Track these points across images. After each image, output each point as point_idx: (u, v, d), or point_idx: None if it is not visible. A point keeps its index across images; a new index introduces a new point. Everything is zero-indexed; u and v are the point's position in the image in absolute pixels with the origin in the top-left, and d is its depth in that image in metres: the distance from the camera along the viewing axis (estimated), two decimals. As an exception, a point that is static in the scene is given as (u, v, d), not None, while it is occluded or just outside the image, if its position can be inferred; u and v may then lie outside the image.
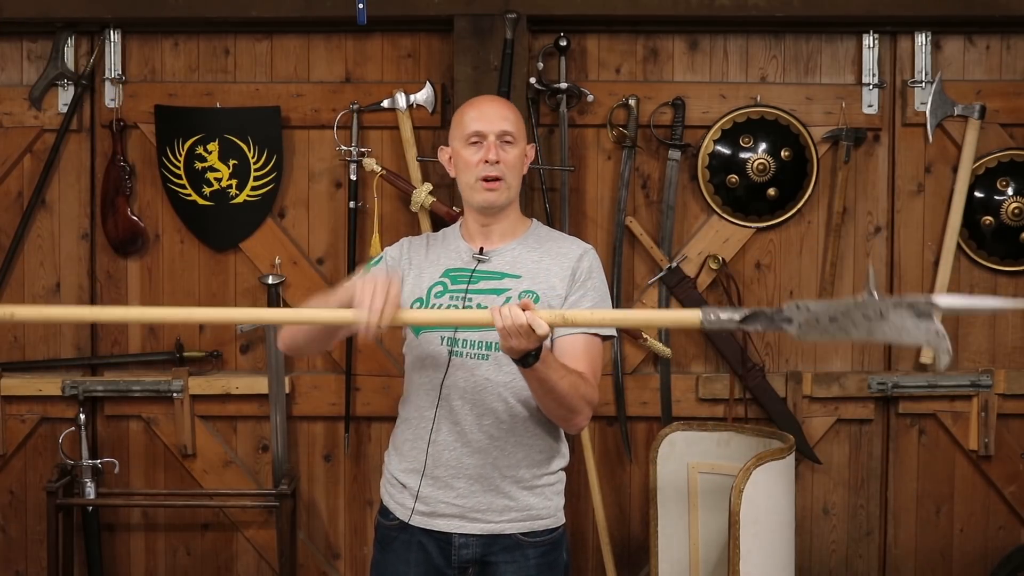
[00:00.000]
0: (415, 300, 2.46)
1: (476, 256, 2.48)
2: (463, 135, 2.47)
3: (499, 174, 2.43)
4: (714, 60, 3.75)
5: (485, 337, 2.39)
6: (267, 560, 3.79)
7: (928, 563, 3.81)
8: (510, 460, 2.43)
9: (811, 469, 3.77)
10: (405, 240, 2.62)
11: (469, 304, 2.41)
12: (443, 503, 2.43)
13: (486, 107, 2.51)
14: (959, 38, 3.73)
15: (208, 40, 3.75)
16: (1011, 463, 3.77)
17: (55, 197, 3.78)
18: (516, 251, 2.48)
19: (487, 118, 2.47)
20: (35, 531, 3.78)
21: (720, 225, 3.74)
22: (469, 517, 2.43)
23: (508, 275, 2.44)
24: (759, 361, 3.72)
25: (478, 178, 2.44)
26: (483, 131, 2.45)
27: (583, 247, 2.52)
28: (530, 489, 2.45)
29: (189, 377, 3.70)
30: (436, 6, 3.57)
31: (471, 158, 2.45)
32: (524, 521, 2.44)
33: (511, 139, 2.46)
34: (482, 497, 2.42)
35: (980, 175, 3.71)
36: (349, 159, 3.68)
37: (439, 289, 2.46)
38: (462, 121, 2.49)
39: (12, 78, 3.77)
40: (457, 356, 2.41)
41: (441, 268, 2.49)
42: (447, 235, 2.60)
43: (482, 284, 2.44)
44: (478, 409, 2.41)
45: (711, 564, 3.45)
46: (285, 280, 3.72)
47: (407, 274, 2.51)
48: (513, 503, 2.43)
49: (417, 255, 2.54)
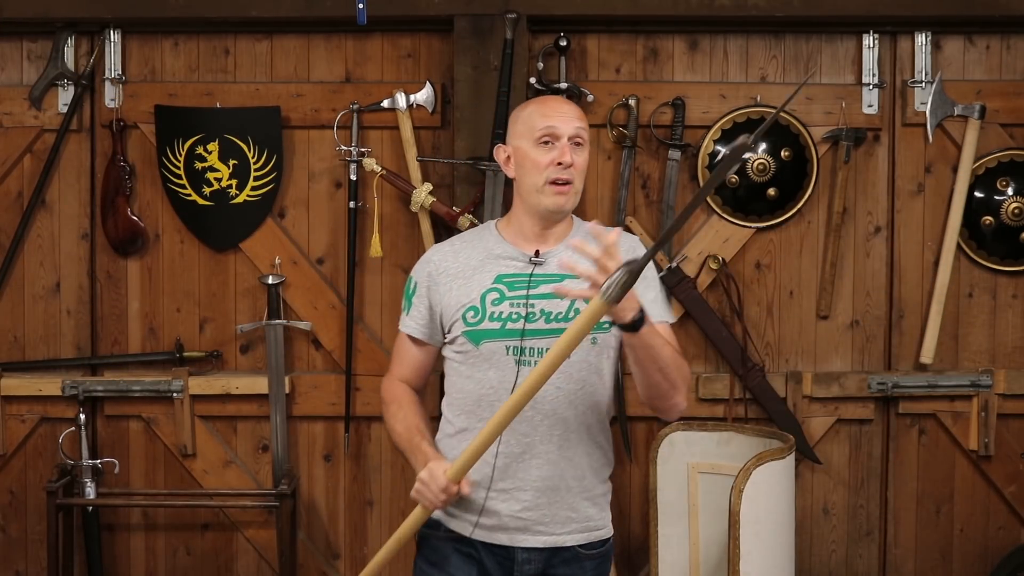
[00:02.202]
0: (469, 308, 2.36)
1: (533, 260, 2.37)
2: (533, 133, 2.34)
3: (570, 177, 2.33)
4: (714, 60, 3.75)
5: (553, 343, 2.27)
6: (267, 560, 3.79)
7: (928, 563, 3.82)
8: (577, 470, 2.37)
9: (811, 469, 3.77)
10: (427, 257, 2.50)
11: (532, 310, 2.32)
12: (508, 516, 2.35)
13: (559, 106, 2.39)
14: (959, 38, 3.73)
15: (208, 40, 3.75)
16: (1011, 463, 3.77)
17: (55, 197, 3.78)
18: (570, 251, 2.34)
19: (562, 116, 2.35)
20: (35, 531, 3.78)
21: (720, 225, 3.74)
22: (533, 530, 2.35)
23: (568, 276, 2.28)
24: (759, 361, 3.72)
25: (548, 180, 2.33)
26: (558, 130, 2.33)
27: (629, 238, 2.44)
28: (590, 499, 2.40)
29: (189, 377, 3.70)
30: (436, 6, 3.57)
31: (541, 158, 2.33)
32: (583, 532, 2.39)
33: (581, 141, 2.36)
34: (547, 509, 2.35)
35: (980, 175, 3.71)
36: (349, 159, 3.68)
37: (495, 296, 2.35)
38: (531, 119, 2.37)
39: (12, 78, 3.77)
40: (525, 365, 2.31)
41: (492, 274, 2.38)
42: (483, 237, 2.47)
43: (542, 288, 2.34)
44: (549, 420, 2.33)
45: (711, 564, 3.45)
46: (285, 280, 3.72)
47: (449, 286, 2.40)
48: (575, 514, 2.38)
49: (451, 263, 2.43)
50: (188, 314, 3.79)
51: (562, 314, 2.33)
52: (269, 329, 3.68)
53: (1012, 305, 3.78)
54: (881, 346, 3.78)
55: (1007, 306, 3.78)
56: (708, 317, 3.71)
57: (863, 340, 3.77)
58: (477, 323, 2.35)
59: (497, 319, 2.34)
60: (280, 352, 3.68)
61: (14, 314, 3.79)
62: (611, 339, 2.37)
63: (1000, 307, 3.78)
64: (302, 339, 3.78)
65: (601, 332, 2.32)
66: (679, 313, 3.73)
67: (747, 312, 3.75)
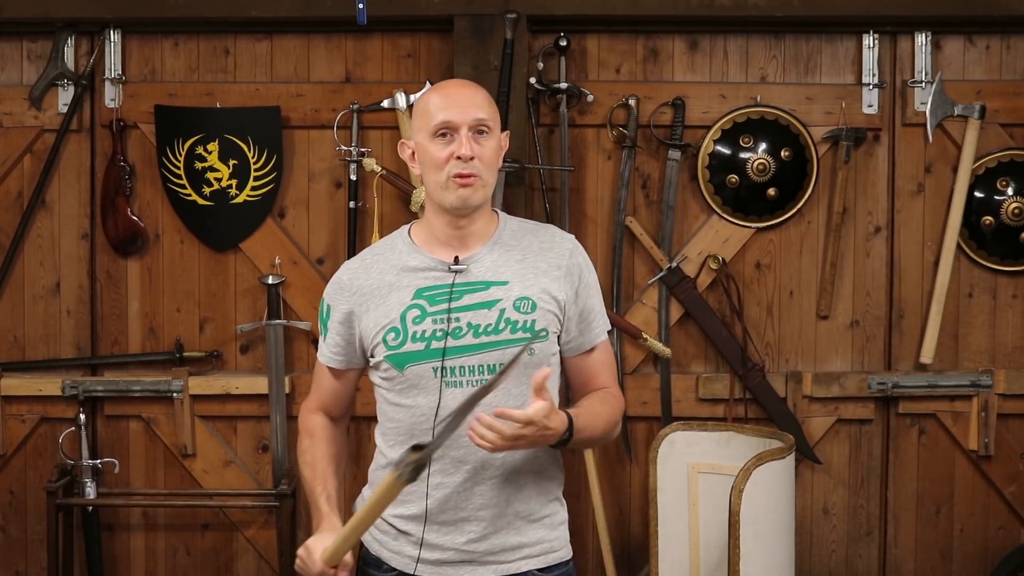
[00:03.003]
0: (389, 330, 2.13)
1: (452, 268, 2.14)
2: (430, 126, 2.11)
3: (474, 171, 2.09)
4: (714, 60, 3.75)
5: (484, 360, 2.11)
6: (267, 560, 3.79)
7: (928, 563, 3.82)
8: (522, 494, 2.17)
9: (811, 469, 3.77)
10: (337, 277, 2.25)
11: (457, 324, 2.10)
12: (452, 550, 2.15)
13: (455, 92, 2.15)
14: (959, 38, 3.73)
15: (208, 40, 3.75)
16: (1011, 463, 3.77)
17: (55, 197, 3.78)
18: (495, 253, 2.17)
19: (458, 105, 2.10)
20: (35, 531, 3.78)
21: (720, 225, 3.74)
22: (482, 562, 2.16)
23: (494, 283, 2.13)
24: (759, 361, 3.72)
25: (450, 176, 2.09)
26: (454, 122, 2.09)
27: (568, 239, 2.24)
28: (539, 521, 2.20)
29: (189, 377, 3.70)
30: (436, 6, 3.57)
31: (440, 153, 2.10)
32: (538, 556, 2.20)
33: (486, 129, 2.11)
34: (495, 539, 2.16)
35: (980, 175, 3.71)
36: (349, 159, 3.68)
37: (416, 314, 2.12)
38: (427, 110, 2.13)
39: (12, 78, 3.77)
40: (454, 387, 2.11)
41: (410, 289, 2.14)
42: (392, 247, 2.22)
43: (466, 299, 2.12)
44: None
45: (711, 564, 3.45)
46: (285, 280, 3.72)
47: (366, 307, 2.18)
48: (526, 539, 2.18)
49: (363, 280, 2.20)
50: (188, 314, 3.79)
51: (492, 325, 2.11)
52: (269, 329, 3.68)
53: (1012, 305, 3.78)
54: (881, 346, 3.78)
55: (1007, 306, 3.78)
56: (708, 317, 3.71)
57: (863, 340, 3.77)
58: (399, 346, 2.13)
59: (420, 339, 2.11)
60: (280, 352, 3.68)
61: (14, 314, 3.79)
62: (548, 347, 2.16)
63: (1000, 307, 3.78)
64: (302, 339, 3.79)
65: (538, 342, 2.13)
66: (679, 313, 3.73)
67: (747, 312, 3.75)
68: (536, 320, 2.13)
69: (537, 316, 2.13)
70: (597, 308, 2.23)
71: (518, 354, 2.01)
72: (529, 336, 2.11)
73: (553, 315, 2.15)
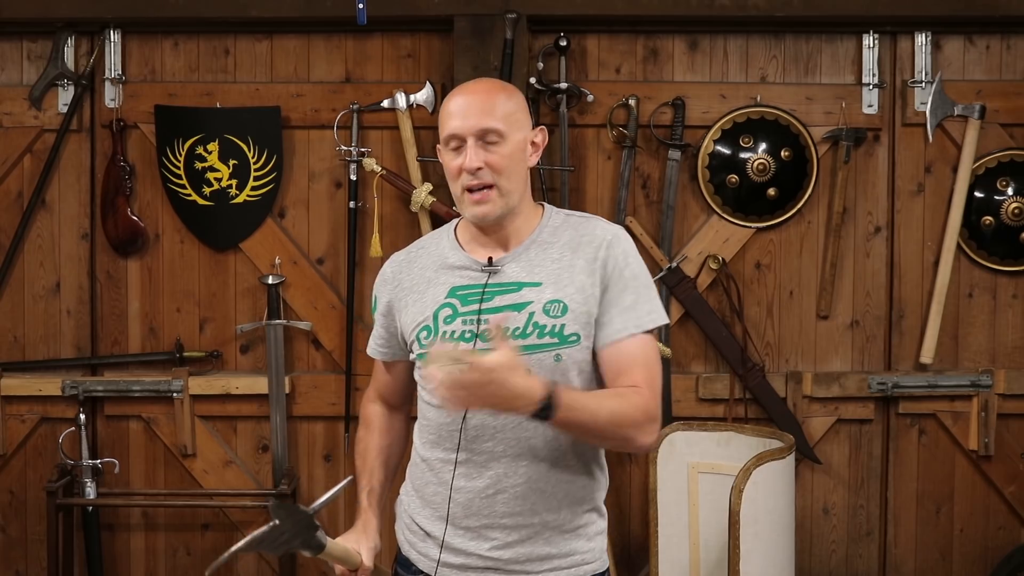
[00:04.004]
0: (422, 328, 2.09)
1: (485, 268, 2.07)
2: (442, 136, 2.06)
3: (487, 181, 2.02)
4: (714, 60, 3.75)
5: None
6: (267, 560, 3.79)
7: (928, 563, 3.82)
8: (550, 503, 2.08)
9: (811, 469, 3.77)
10: (384, 268, 2.23)
11: (487, 326, 2.02)
12: (476, 555, 2.08)
13: (464, 100, 2.05)
14: (959, 38, 3.73)
15: (208, 40, 3.75)
16: (1011, 463, 3.77)
17: (55, 197, 3.78)
18: (531, 252, 2.08)
19: (463, 115, 2.02)
20: (35, 531, 3.78)
21: (720, 225, 3.74)
22: (507, 570, 2.08)
23: (526, 284, 2.04)
24: (759, 361, 3.72)
25: (463, 189, 2.03)
26: (459, 132, 2.02)
27: (610, 230, 2.09)
28: (572, 532, 2.12)
29: (189, 377, 3.70)
30: (436, 6, 3.57)
31: (451, 164, 2.04)
32: (569, 569, 2.11)
33: (496, 138, 2.02)
34: (521, 548, 2.07)
35: (980, 175, 3.71)
36: (349, 159, 3.68)
37: (447, 313, 2.07)
38: (442, 118, 2.07)
39: (12, 78, 3.77)
40: None
41: (446, 287, 2.09)
42: (438, 243, 2.18)
43: (497, 300, 2.05)
44: (514, 449, 2.04)
45: (711, 564, 3.45)
46: (285, 280, 3.72)
47: (405, 301, 2.15)
48: (556, 550, 2.09)
49: (406, 275, 2.17)
50: (188, 314, 3.79)
51: (519, 329, 2.02)
52: (269, 329, 3.68)
53: (1012, 305, 3.78)
54: (881, 346, 3.78)
55: (1007, 306, 3.78)
56: (708, 317, 3.71)
57: (863, 340, 3.77)
58: (430, 345, 2.07)
59: (450, 339, 2.05)
60: (280, 352, 3.68)
61: (14, 314, 3.79)
62: (578, 353, 2.04)
63: (1000, 307, 3.78)
64: (302, 339, 3.79)
65: (566, 347, 2.03)
66: (679, 313, 3.73)
67: (747, 312, 3.75)
68: (566, 324, 2.03)
69: (567, 320, 2.03)
70: (629, 301, 2.05)
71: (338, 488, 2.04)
72: (556, 342, 2.02)
73: (587, 316, 2.04)
